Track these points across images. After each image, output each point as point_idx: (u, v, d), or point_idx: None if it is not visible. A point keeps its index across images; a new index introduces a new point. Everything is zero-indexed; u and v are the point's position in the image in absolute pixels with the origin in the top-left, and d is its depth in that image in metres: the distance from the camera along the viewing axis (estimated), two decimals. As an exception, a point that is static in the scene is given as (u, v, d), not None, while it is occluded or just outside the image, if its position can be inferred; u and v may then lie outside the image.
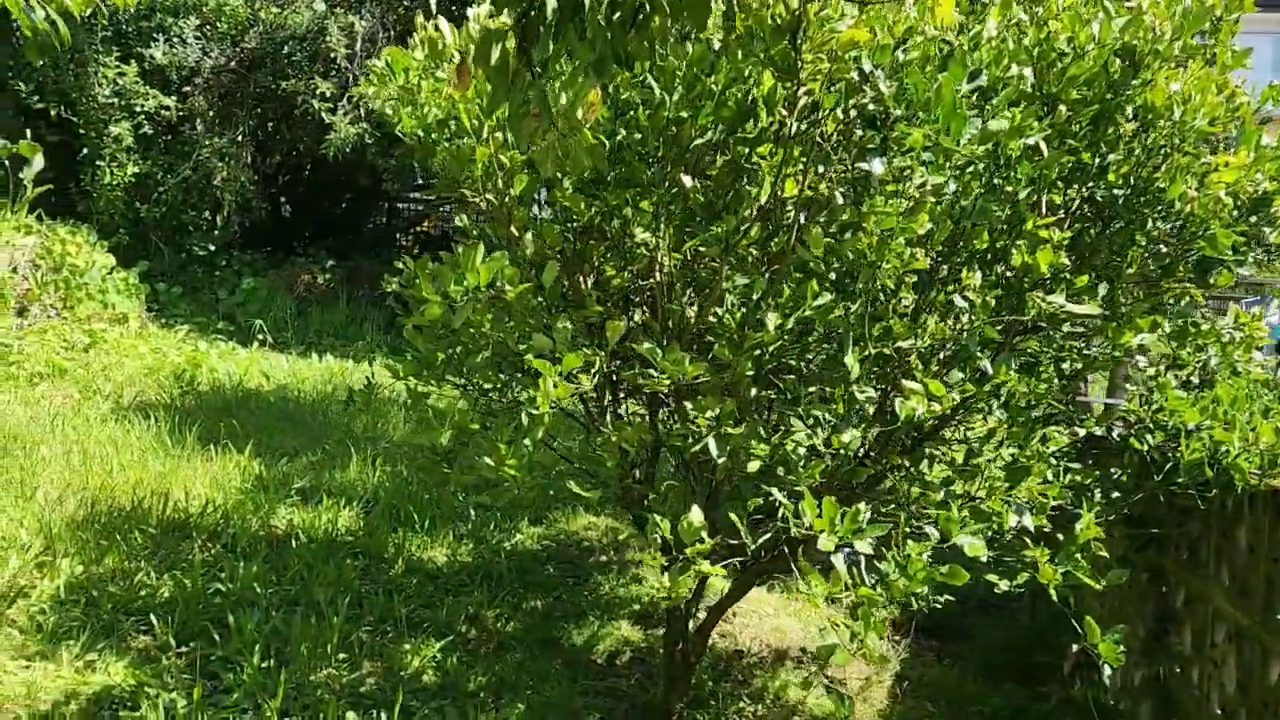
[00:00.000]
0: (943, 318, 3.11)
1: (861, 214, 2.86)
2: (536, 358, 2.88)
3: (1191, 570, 3.61)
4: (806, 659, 4.92)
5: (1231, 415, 3.20)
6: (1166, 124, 3.27)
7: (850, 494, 3.49)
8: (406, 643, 4.31)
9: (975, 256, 3.24)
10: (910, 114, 2.81)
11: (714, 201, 3.27)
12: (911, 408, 2.92)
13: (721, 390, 3.29)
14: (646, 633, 4.94)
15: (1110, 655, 3.00)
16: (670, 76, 3.14)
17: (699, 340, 3.63)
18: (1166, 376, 3.47)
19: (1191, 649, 3.52)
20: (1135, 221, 3.38)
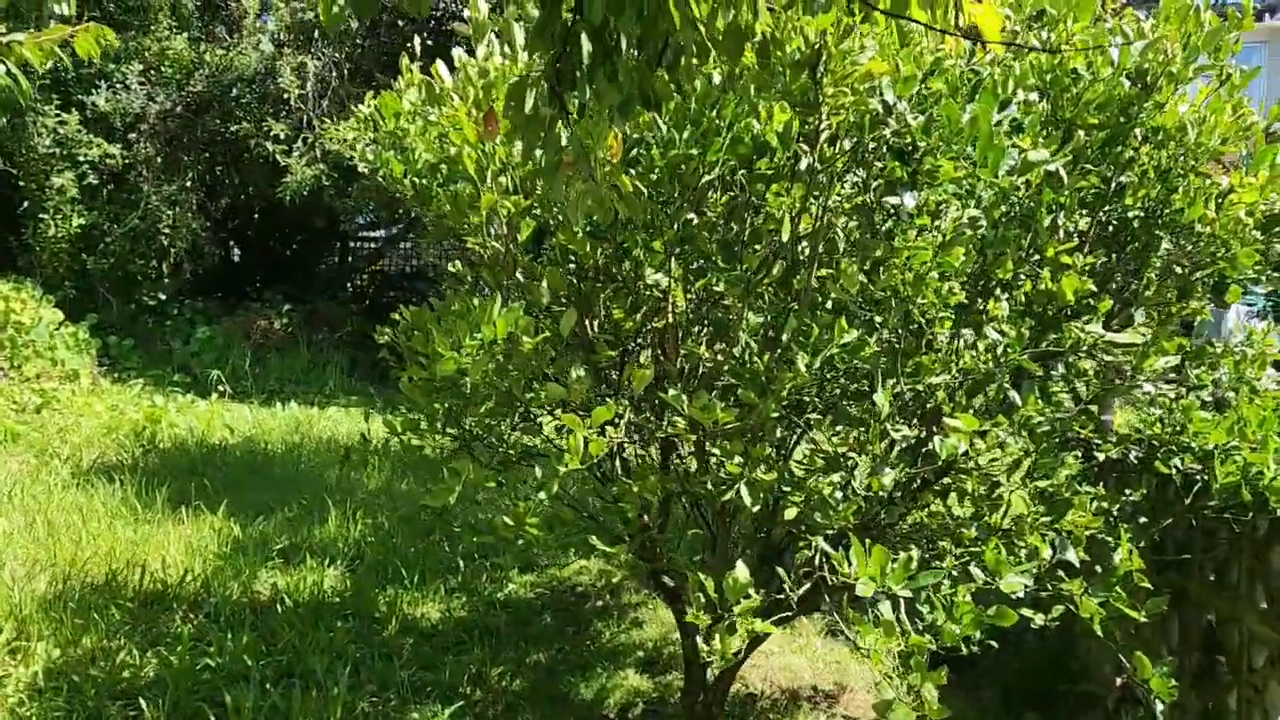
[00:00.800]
0: (974, 351, 3.03)
1: (894, 249, 2.77)
2: (563, 411, 2.75)
3: (1218, 593, 3.56)
4: (820, 699, 4.79)
5: (1263, 436, 3.16)
6: (1178, 145, 3.25)
7: (880, 533, 3.39)
8: (413, 710, 4.11)
9: (999, 286, 3.17)
10: (938, 146, 2.74)
11: (732, 241, 3.17)
12: (953, 445, 2.83)
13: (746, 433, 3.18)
14: (655, 681, 4.78)
15: (1162, 690, 2.93)
16: (680, 114, 3.04)
17: (712, 382, 3.53)
18: (1190, 398, 3.43)
19: (1228, 673, 3.46)
20: (1151, 244, 3.34)
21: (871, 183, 3.03)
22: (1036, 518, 3.13)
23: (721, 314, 3.49)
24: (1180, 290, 3.45)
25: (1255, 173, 3.18)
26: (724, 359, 3.32)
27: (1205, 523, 3.60)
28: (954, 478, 3.64)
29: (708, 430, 3.05)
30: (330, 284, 13.88)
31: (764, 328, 3.32)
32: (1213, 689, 3.52)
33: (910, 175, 2.81)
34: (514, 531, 3.08)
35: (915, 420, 3.36)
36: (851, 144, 2.96)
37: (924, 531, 3.55)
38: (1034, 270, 3.23)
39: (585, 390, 3.08)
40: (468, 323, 2.89)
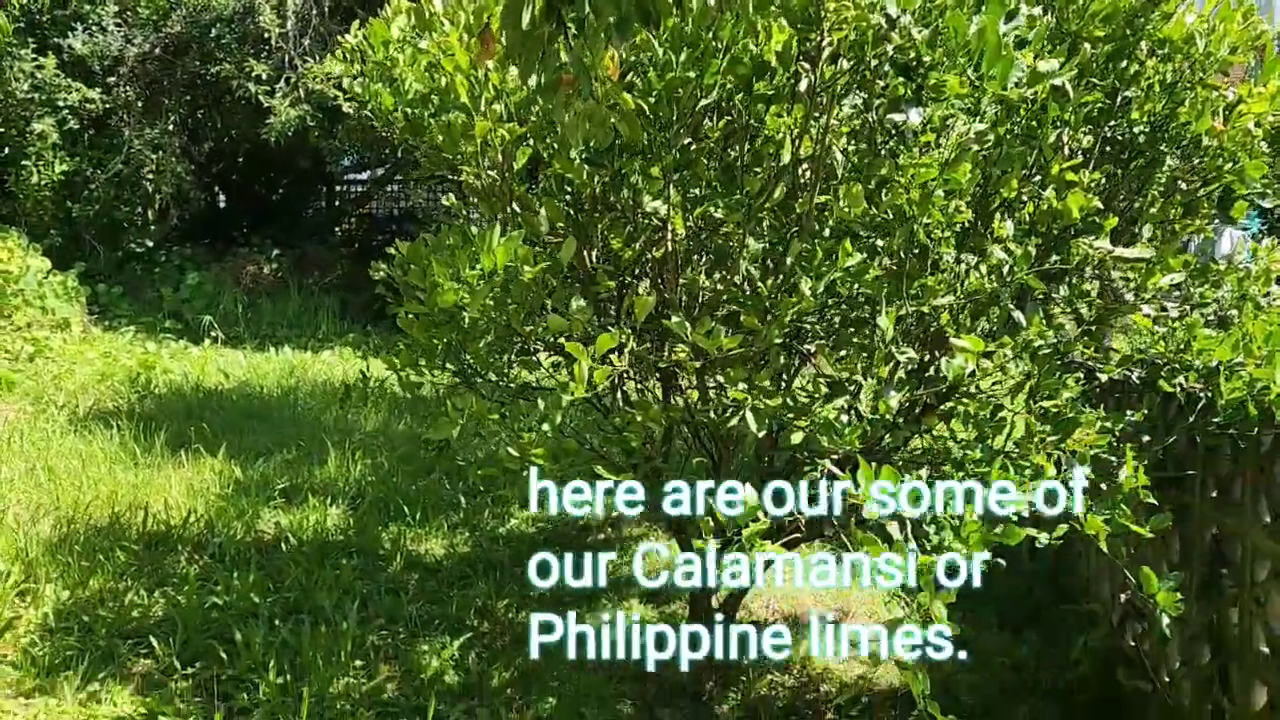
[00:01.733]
0: (980, 271, 2.99)
1: (899, 167, 2.72)
2: (567, 341, 2.72)
3: (1221, 508, 3.58)
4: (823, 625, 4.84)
5: (1269, 351, 3.14)
6: (1185, 58, 3.19)
7: (885, 456, 3.39)
8: (423, 643, 4.14)
9: (1004, 205, 3.13)
10: (943, 61, 2.68)
11: (731, 165, 3.11)
12: (960, 366, 2.81)
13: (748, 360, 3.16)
14: (659, 610, 4.83)
15: (1169, 604, 2.95)
16: (677, 36, 2.96)
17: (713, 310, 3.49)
18: (1194, 316, 3.41)
19: (1230, 586, 3.49)
20: (1157, 160, 3.29)
21: (874, 101, 2.97)
22: (1042, 438, 3.12)
23: (722, 241, 3.45)
24: (1185, 207, 3.41)
25: (1265, 82, 3.12)
26: (725, 287, 3.28)
27: (1208, 439, 3.60)
28: (957, 401, 3.64)
29: (711, 358, 3.02)
30: (318, 228, 13.74)
31: (765, 254, 3.29)
32: (1216, 602, 3.56)
33: (915, 91, 2.75)
34: (519, 464, 3.07)
35: (919, 343, 3.34)
36: (852, 62, 2.89)
37: (928, 455, 3.56)
38: (1037, 189, 3.19)
39: (586, 321, 3.05)
40: (467, 253, 2.85)
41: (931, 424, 3.41)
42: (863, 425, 3.00)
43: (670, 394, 3.74)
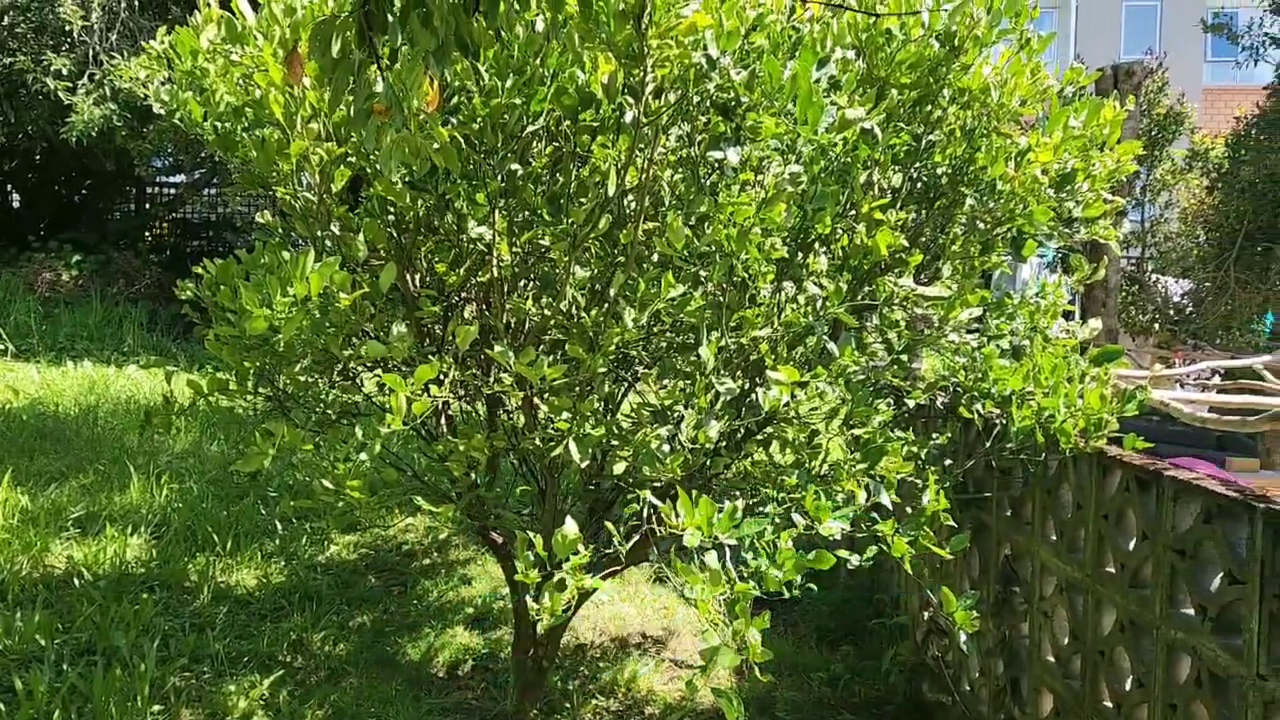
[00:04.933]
0: (795, 304, 3.10)
1: (718, 205, 2.79)
2: (385, 371, 2.64)
3: (1016, 528, 3.82)
4: (649, 645, 4.89)
5: (1052, 382, 3.39)
6: (981, 105, 3.41)
7: (705, 483, 3.46)
8: (229, 682, 3.93)
9: (819, 241, 3.25)
10: (760, 102, 2.76)
11: (557, 194, 3.11)
12: (776, 398, 2.90)
13: (573, 389, 3.16)
14: (485, 637, 4.76)
15: (965, 622, 3.13)
16: (503, 62, 2.94)
17: (540, 337, 3.48)
18: (990, 347, 3.63)
19: (1023, 602, 3.74)
20: (958, 200, 3.50)
21: (696, 137, 3.03)
22: (853, 464, 3.26)
23: (548, 268, 3.44)
24: (983, 245, 3.63)
25: (1050, 133, 3.37)
26: (551, 314, 3.27)
27: (1002, 463, 3.85)
28: (776, 427, 3.75)
29: (535, 386, 3.00)
30: (126, 233, 12.91)
31: (591, 282, 3.30)
32: (1009, 618, 3.80)
33: (734, 130, 2.82)
34: (334, 495, 2.96)
35: (740, 372, 3.43)
36: (677, 97, 2.94)
37: (748, 480, 3.65)
38: (851, 225, 3.33)
39: (408, 347, 2.97)
40: (279, 278, 2.72)
41: (751, 451, 3.50)
42: (684, 453, 3.05)
43: (495, 420, 3.70)
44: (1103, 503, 3.19)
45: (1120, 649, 3.06)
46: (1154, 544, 2.88)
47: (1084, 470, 3.34)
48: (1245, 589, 2.44)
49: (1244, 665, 2.44)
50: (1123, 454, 3.17)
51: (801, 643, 5.05)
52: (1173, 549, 2.78)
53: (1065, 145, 3.43)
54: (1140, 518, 2.99)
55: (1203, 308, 8.86)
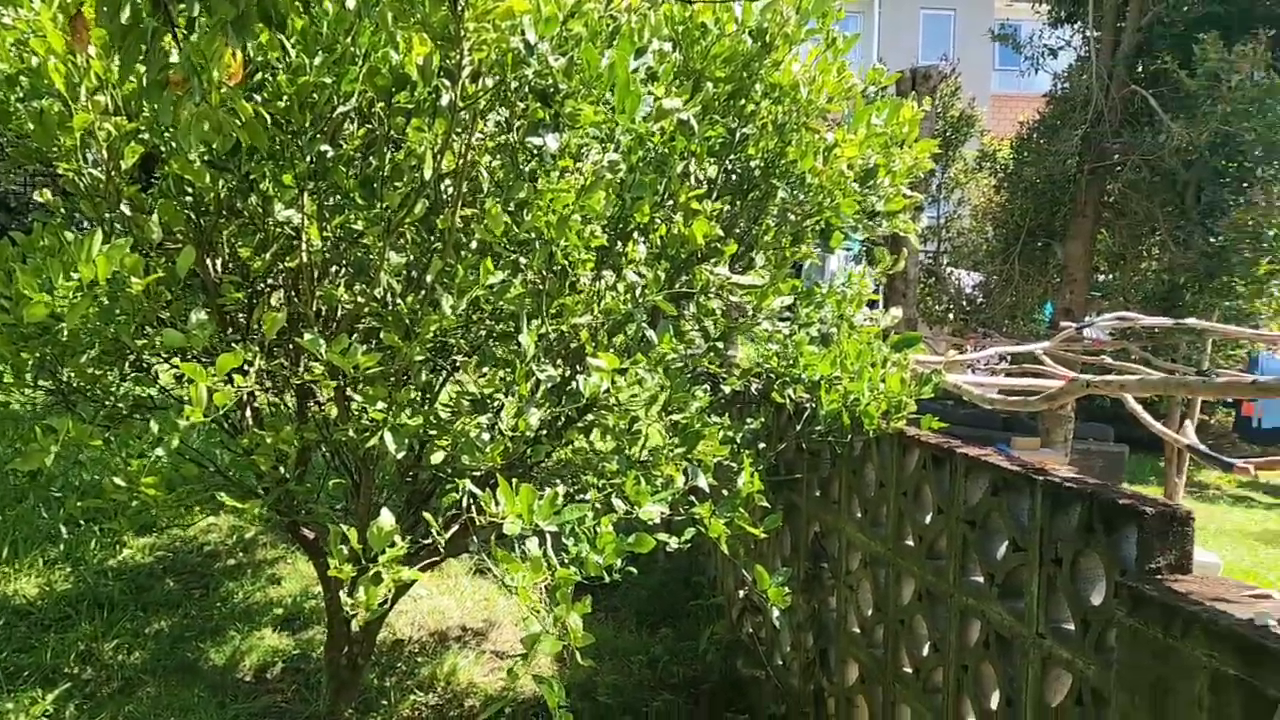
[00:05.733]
0: (615, 292, 3.12)
1: (537, 191, 2.77)
2: (183, 361, 2.48)
3: (825, 507, 4.00)
4: (470, 637, 4.83)
5: (857, 367, 3.56)
6: (791, 101, 3.53)
7: (526, 471, 3.44)
8: (8, 700, 3.61)
9: (638, 229, 3.28)
10: (579, 89, 2.76)
11: (371, 177, 3.00)
12: (596, 384, 2.91)
13: (389, 378, 3.08)
14: (296, 638, 4.57)
15: (778, 598, 3.24)
16: (312, 38, 2.81)
17: (353, 325, 3.36)
18: (800, 334, 3.78)
19: (831, 577, 3.91)
20: (770, 192, 3.61)
21: (515, 122, 3.00)
22: (671, 449, 3.31)
23: (361, 254, 3.33)
24: (794, 236, 3.77)
25: (855, 130, 3.53)
26: (365, 301, 3.17)
27: (812, 445, 4.01)
28: (597, 415, 3.77)
29: (348, 376, 2.90)
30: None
31: (407, 269, 3.21)
32: (818, 592, 3.97)
33: (553, 117, 2.81)
34: (128, 494, 2.77)
35: (560, 360, 3.42)
36: (495, 82, 2.90)
37: (569, 468, 3.66)
38: (669, 215, 3.38)
39: (208, 336, 2.81)
40: (61, 261, 2.51)
41: (573, 438, 3.50)
42: (504, 442, 3.02)
43: (307, 412, 3.55)
44: (902, 480, 3.38)
45: (919, 617, 3.25)
46: (948, 517, 3.08)
47: (886, 450, 3.53)
48: (1027, 555, 2.64)
49: (1025, 626, 2.64)
50: (920, 434, 3.37)
51: (622, 627, 5.11)
52: (964, 521, 2.97)
53: (869, 142, 3.60)
54: (935, 493, 3.18)
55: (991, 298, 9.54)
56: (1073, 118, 8.57)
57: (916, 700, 3.22)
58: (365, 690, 4.02)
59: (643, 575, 5.86)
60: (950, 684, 3.02)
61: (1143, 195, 8.25)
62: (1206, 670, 1.89)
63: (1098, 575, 2.41)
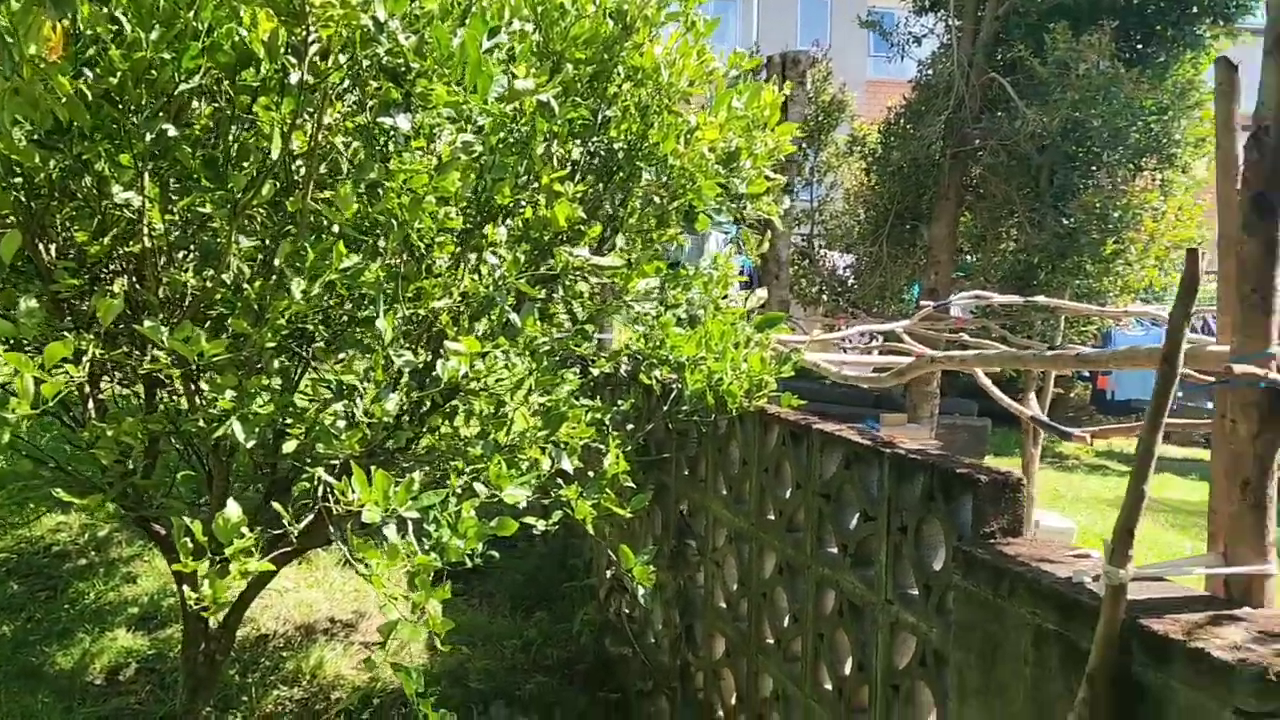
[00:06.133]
0: (475, 275, 3.09)
1: (390, 172, 2.71)
2: (8, 351, 2.35)
3: (693, 485, 4.06)
4: (338, 629, 4.74)
5: (721, 347, 3.62)
6: (654, 84, 3.55)
7: (388, 458, 3.39)
8: None
9: (499, 212, 3.26)
10: (432, 69, 2.71)
11: (216, 157, 2.89)
12: (454, 369, 2.88)
13: (240, 365, 2.98)
14: (152, 637, 4.41)
15: (643, 577, 3.28)
16: (149, 11, 2.69)
17: (203, 310, 3.24)
18: (666, 316, 3.82)
19: (697, 554, 3.98)
20: (633, 175, 3.63)
21: (368, 102, 2.93)
22: (535, 432, 3.31)
23: (209, 237, 3.20)
24: (658, 218, 3.79)
25: (716, 113, 3.57)
26: (214, 286, 3.05)
27: (679, 425, 4.07)
28: (462, 399, 3.74)
29: (195, 364, 2.79)
30: None
31: (257, 252, 3.11)
32: (684, 569, 4.03)
33: (405, 97, 2.76)
34: (-48, 492, 2.61)
35: (422, 345, 3.37)
36: (346, 60, 2.83)
37: (434, 454, 3.61)
38: (534, 197, 3.36)
39: (39, 324, 2.66)
40: None
41: (435, 423, 3.46)
42: (362, 429, 2.96)
43: (156, 402, 3.41)
44: (764, 457, 3.46)
45: (779, 589, 3.34)
46: (805, 491, 3.16)
47: (749, 428, 3.60)
48: (876, 525, 2.74)
49: (875, 593, 2.74)
50: (780, 411, 3.44)
51: (496, 612, 5.10)
52: (820, 494, 3.06)
53: (730, 125, 3.65)
54: (794, 468, 3.26)
55: (861, 280, 9.82)
56: (936, 104, 8.87)
57: (777, 669, 3.31)
58: (225, 687, 3.91)
59: (518, 560, 5.85)
60: (808, 653, 3.11)
61: (1001, 179, 8.62)
62: (1030, 627, 2.00)
63: (940, 542, 2.51)
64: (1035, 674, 1.98)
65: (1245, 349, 1.80)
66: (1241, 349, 1.81)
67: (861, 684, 2.83)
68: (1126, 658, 1.74)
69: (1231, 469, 1.86)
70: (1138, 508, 1.75)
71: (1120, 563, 1.73)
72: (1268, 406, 1.79)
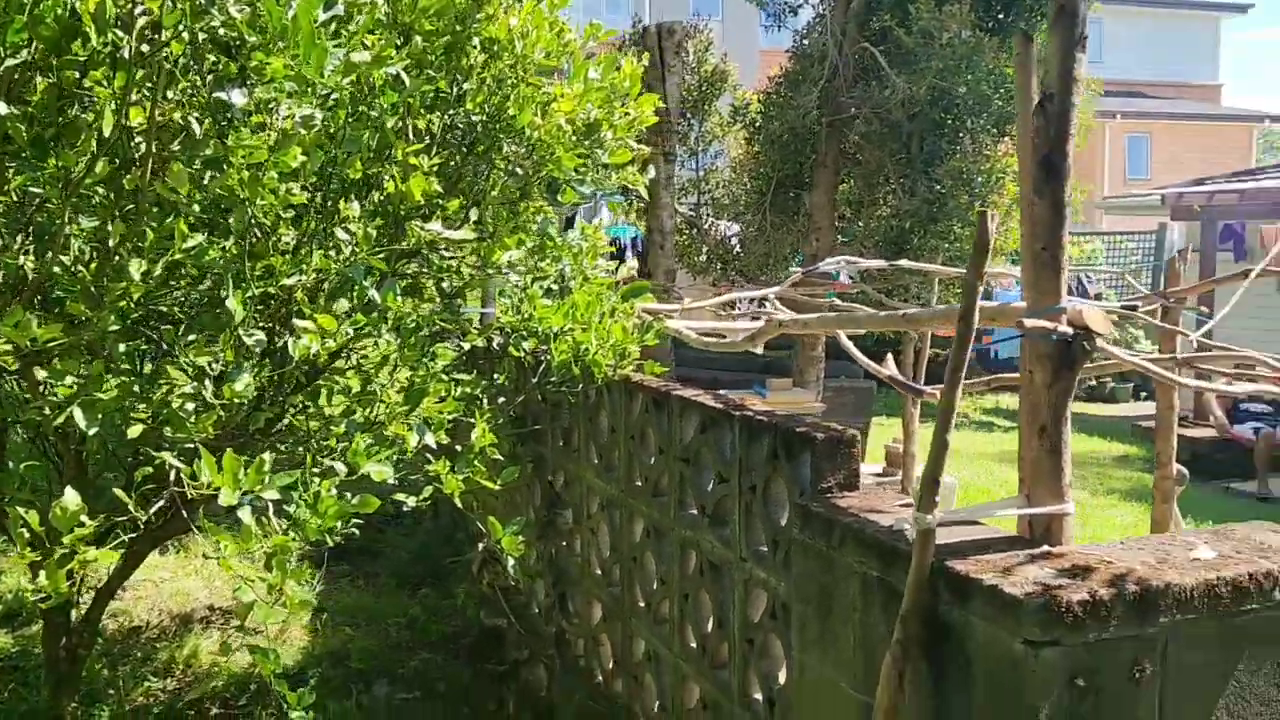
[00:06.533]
0: (325, 251, 3.05)
1: (227, 147, 2.66)
2: None
3: (567, 456, 4.10)
4: (216, 617, 4.67)
5: (587, 318, 3.65)
6: (510, 56, 3.54)
7: (248, 440, 3.34)
8: None
9: (350, 186, 3.22)
10: (268, 42, 2.66)
11: (42, 133, 2.79)
12: (305, 346, 2.86)
13: (83, 350, 2.90)
14: (16, 635, 4.27)
15: (511, 547, 3.32)
16: (-39, -19, 2.57)
17: (41, 294, 3.13)
18: (533, 287, 3.83)
19: (573, 523, 4.03)
20: (493, 147, 3.62)
21: (206, 77, 2.86)
22: (397, 408, 3.30)
23: (45, 218, 3.09)
24: (521, 190, 3.79)
25: (573, 85, 3.58)
26: (50, 268, 2.95)
27: (551, 396, 4.10)
28: (327, 379, 3.70)
29: (28, 350, 2.71)
30: None
31: (99, 233, 3.02)
32: (554, 539, 4.08)
33: (240, 71, 2.70)
34: None
35: (278, 324, 3.32)
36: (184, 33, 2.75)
37: (298, 434, 3.57)
38: (389, 170, 3.33)
39: None
40: None
41: (298, 402, 3.42)
42: (216, 412, 2.91)
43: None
44: (630, 424, 3.52)
45: (648, 553, 3.41)
46: (667, 456, 3.23)
47: (616, 397, 3.66)
48: (730, 486, 2.82)
49: (732, 551, 2.82)
50: (644, 379, 3.51)
51: (381, 592, 5.08)
52: (680, 459, 3.14)
53: (588, 96, 3.67)
54: (657, 434, 3.33)
55: (747, 248, 9.97)
56: (812, 72, 9.02)
57: (648, 632, 3.39)
58: (92, 681, 3.82)
59: (405, 538, 5.83)
60: (674, 613, 3.19)
61: (875, 146, 8.83)
62: (858, 575, 2.10)
63: (785, 499, 2.61)
64: (863, 620, 2.09)
65: (1038, 304, 1.92)
66: (1035, 304, 1.93)
67: (721, 641, 2.92)
68: (935, 599, 1.85)
69: (1031, 417, 1.98)
70: (941, 457, 1.85)
71: (927, 508, 1.83)
72: (1059, 358, 1.91)
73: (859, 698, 2.10)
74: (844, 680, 2.17)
